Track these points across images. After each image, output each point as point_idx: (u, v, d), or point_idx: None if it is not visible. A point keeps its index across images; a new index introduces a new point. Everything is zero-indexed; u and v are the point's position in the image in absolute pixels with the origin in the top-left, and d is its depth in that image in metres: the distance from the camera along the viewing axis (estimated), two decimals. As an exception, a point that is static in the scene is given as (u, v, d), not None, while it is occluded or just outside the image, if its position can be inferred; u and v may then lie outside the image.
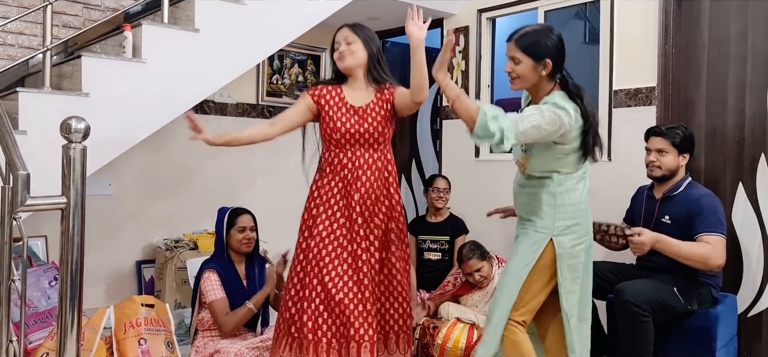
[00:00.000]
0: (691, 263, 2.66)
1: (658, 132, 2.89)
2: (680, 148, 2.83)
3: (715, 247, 2.64)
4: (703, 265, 2.66)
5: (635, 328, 2.57)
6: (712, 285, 2.80)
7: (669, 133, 2.85)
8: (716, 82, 3.24)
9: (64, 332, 1.49)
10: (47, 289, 2.99)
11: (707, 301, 2.78)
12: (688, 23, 3.33)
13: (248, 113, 4.48)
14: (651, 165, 2.88)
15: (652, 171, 2.89)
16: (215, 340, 2.89)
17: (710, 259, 2.63)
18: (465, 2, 4.33)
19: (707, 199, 2.77)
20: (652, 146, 2.88)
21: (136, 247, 3.99)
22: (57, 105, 2.64)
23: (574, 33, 4.90)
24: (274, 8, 3.31)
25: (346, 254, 2.47)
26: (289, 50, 4.55)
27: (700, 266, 2.67)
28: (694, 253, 2.65)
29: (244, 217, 3.01)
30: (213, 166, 4.27)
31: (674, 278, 2.71)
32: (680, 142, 2.83)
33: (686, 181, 2.87)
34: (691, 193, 2.80)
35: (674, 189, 2.85)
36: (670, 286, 2.67)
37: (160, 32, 2.98)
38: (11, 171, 1.54)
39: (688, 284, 2.72)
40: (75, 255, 1.50)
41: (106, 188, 3.78)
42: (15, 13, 3.27)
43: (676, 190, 2.85)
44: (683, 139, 2.84)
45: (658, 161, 2.85)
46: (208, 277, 2.89)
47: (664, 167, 2.84)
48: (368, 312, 2.42)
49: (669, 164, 2.84)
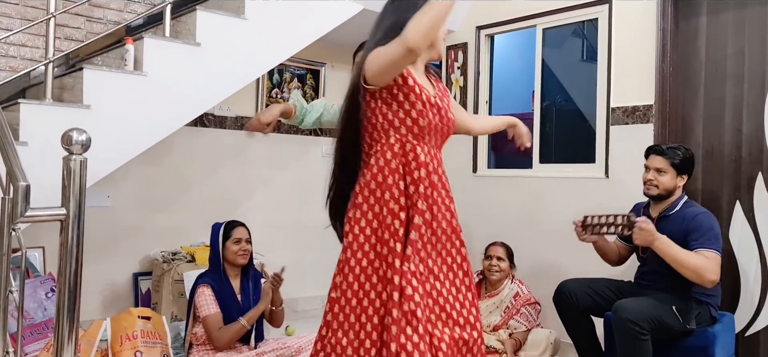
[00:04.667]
0: (685, 272, 2.65)
1: (659, 151, 2.89)
2: (679, 169, 2.84)
3: (711, 262, 2.64)
4: (697, 277, 2.65)
5: (633, 346, 2.56)
6: (711, 304, 2.80)
7: (669, 152, 2.86)
8: (713, 100, 3.26)
9: (60, 344, 1.49)
10: (43, 301, 2.98)
11: (705, 320, 2.78)
12: (686, 42, 3.36)
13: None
14: (648, 183, 2.89)
15: (648, 189, 2.89)
16: (210, 354, 2.88)
17: (705, 271, 2.62)
18: (464, 19, 4.36)
19: (704, 216, 2.77)
20: (651, 164, 2.89)
21: (134, 259, 3.98)
22: (58, 117, 2.65)
23: (572, 51, 4.93)
24: (275, 23, 3.34)
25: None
26: (288, 64, 4.58)
27: (694, 278, 2.65)
28: (690, 262, 2.65)
29: (240, 229, 3.01)
30: (211, 180, 4.28)
31: (673, 297, 2.71)
32: (680, 163, 2.83)
33: (682, 199, 2.87)
34: (687, 212, 2.81)
35: (671, 208, 2.86)
36: (668, 305, 2.67)
37: (161, 46, 3.00)
38: (11, 182, 1.55)
39: (687, 303, 2.72)
40: (73, 266, 1.50)
41: (105, 200, 3.79)
42: (18, 24, 3.29)
43: (673, 210, 2.85)
44: (683, 160, 2.84)
45: (656, 180, 2.86)
46: (202, 291, 2.89)
47: (662, 186, 2.85)
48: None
49: (666, 184, 2.84)
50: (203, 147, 4.24)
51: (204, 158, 4.26)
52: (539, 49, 4.01)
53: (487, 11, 4.21)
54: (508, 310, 3.45)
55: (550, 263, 3.70)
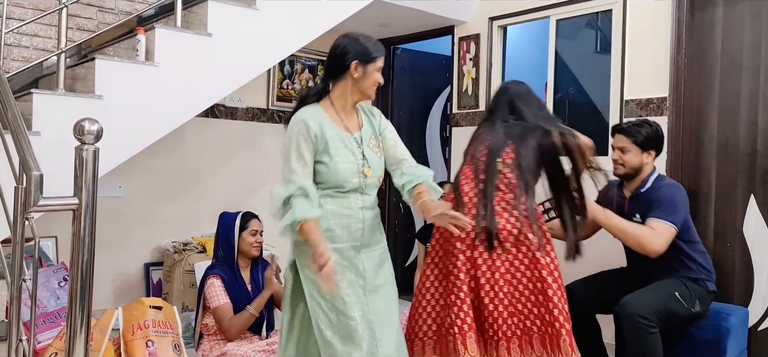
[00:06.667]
0: (629, 243, 2.65)
1: (621, 129, 2.82)
2: (643, 146, 2.76)
3: (656, 233, 2.59)
4: (639, 247, 2.61)
5: (643, 341, 2.53)
6: (707, 278, 2.75)
7: (631, 130, 2.78)
8: (729, 93, 3.22)
9: (73, 333, 1.50)
10: (56, 290, 3.00)
11: (706, 298, 2.73)
12: (701, 33, 3.31)
13: (258, 118, 4.50)
14: (614, 163, 2.82)
15: (615, 169, 2.82)
16: (221, 344, 2.89)
17: (645, 240, 2.59)
18: (476, 10, 4.33)
19: (667, 188, 2.72)
20: (615, 144, 2.82)
21: (145, 249, 4.00)
22: (70, 107, 2.67)
23: (585, 42, 4.88)
24: (286, 14, 3.33)
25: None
26: (299, 55, 4.57)
27: (637, 248, 2.63)
28: (631, 232, 2.62)
29: (256, 221, 3.03)
30: (222, 171, 4.29)
31: (673, 282, 2.67)
32: (643, 140, 2.75)
33: (653, 176, 2.79)
34: (655, 187, 2.75)
35: (641, 186, 2.79)
36: (671, 291, 2.63)
37: (172, 36, 3.00)
38: (24, 171, 1.55)
39: (687, 285, 2.68)
40: (86, 256, 1.50)
41: (117, 190, 3.81)
42: (31, 15, 3.31)
43: (644, 187, 2.78)
44: (647, 137, 2.76)
45: (620, 159, 2.79)
46: (212, 282, 2.90)
47: (627, 165, 2.77)
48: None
49: (631, 162, 2.77)
50: (214, 138, 4.25)
51: (215, 149, 4.27)
52: (552, 41, 3.98)
53: (500, 2, 4.18)
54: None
55: (561, 258, 3.67)
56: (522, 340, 2.31)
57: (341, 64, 2.16)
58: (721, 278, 3.21)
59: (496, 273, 2.31)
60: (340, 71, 2.17)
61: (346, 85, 2.18)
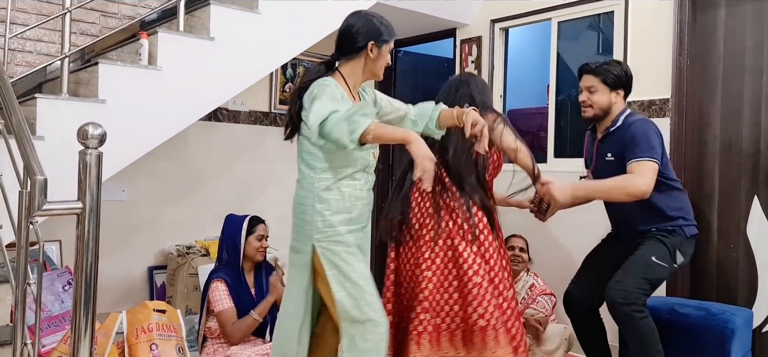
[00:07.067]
0: (616, 197, 2.58)
1: (589, 69, 2.74)
2: (612, 85, 2.69)
3: (639, 173, 2.51)
4: (627, 195, 2.54)
5: (634, 327, 2.48)
6: (685, 223, 2.65)
7: (599, 69, 2.71)
8: (731, 94, 3.22)
9: (77, 336, 1.50)
10: (61, 294, 3.01)
11: (686, 245, 2.64)
12: (704, 35, 3.31)
13: (261, 121, 4.51)
14: (583, 105, 2.75)
15: (584, 111, 2.75)
16: (225, 347, 2.90)
17: (631, 185, 2.51)
18: (478, 12, 4.33)
19: (639, 124, 2.63)
20: (583, 85, 2.75)
21: (149, 252, 4.01)
22: (74, 111, 2.67)
23: (587, 44, 4.88)
24: (289, 17, 3.33)
25: None
26: (302, 59, 4.57)
27: (624, 197, 2.55)
28: (614, 187, 2.56)
29: (263, 226, 3.04)
30: (225, 174, 4.30)
31: (647, 247, 2.58)
32: (613, 79, 2.69)
33: (624, 113, 2.72)
34: (625, 124, 2.68)
35: (612, 125, 2.71)
36: (646, 259, 2.55)
37: (175, 40, 3.01)
38: (29, 176, 1.56)
39: (664, 241, 2.59)
40: (90, 260, 1.51)
41: (120, 194, 3.82)
42: (34, 20, 3.32)
43: (614, 126, 2.70)
44: (617, 76, 2.69)
45: (588, 100, 2.72)
46: (216, 286, 2.90)
47: (596, 106, 2.71)
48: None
49: (600, 102, 2.70)
50: (217, 141, 4.26)
51: (218, 152, 4.28)
52: (554, 43, 3.98)
53: (501, 4, 4.18)
54: (524, 301, 3.44)
55: (563, 258, 3.67)
56: (432, 336, 2.37)
57: (356, 43, 2.19)
58: (725, 279, 3.21)
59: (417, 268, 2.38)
60: (354, 50, 2.20)
61: (358, 63, 2.21)
